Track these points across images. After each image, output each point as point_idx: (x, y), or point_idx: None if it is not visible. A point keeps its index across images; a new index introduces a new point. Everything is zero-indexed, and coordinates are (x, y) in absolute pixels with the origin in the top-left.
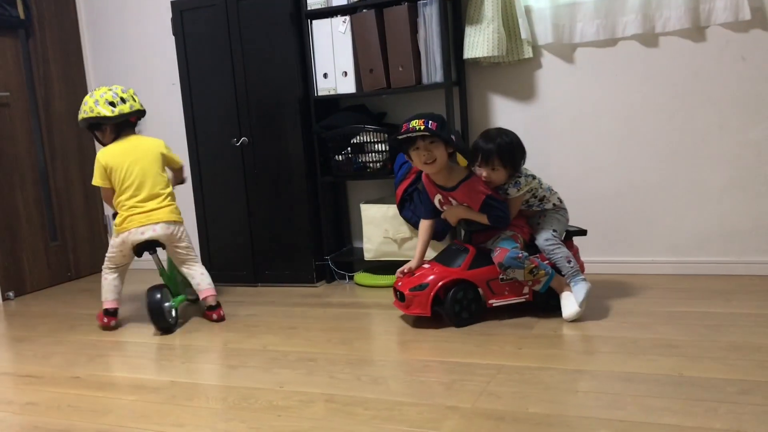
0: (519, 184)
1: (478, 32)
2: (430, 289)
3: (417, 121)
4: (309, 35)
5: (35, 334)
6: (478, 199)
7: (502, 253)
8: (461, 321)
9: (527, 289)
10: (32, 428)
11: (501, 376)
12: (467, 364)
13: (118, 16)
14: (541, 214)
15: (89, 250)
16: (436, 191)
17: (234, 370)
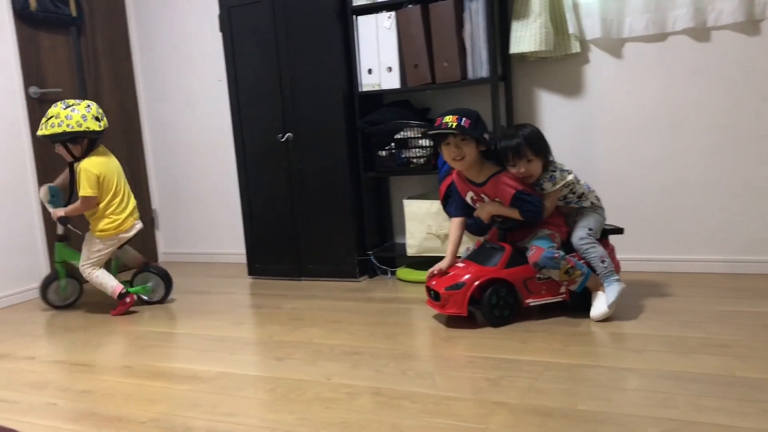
0: (554, 178)
1: (524, 27)
2: (467, 288)
3: (450, 117)
4: (354, 31)
5: (86, 323)
6: (508, 194)
7: (538, 253)
8: (497, 320)
9: (564, 289)
10: (89, 415)
11: (548, 372)
12: (513, 360)
13: (166, 14)
14: (578, 212)
15: (137, 242)
16: (468, 188)
17: (281, 362)
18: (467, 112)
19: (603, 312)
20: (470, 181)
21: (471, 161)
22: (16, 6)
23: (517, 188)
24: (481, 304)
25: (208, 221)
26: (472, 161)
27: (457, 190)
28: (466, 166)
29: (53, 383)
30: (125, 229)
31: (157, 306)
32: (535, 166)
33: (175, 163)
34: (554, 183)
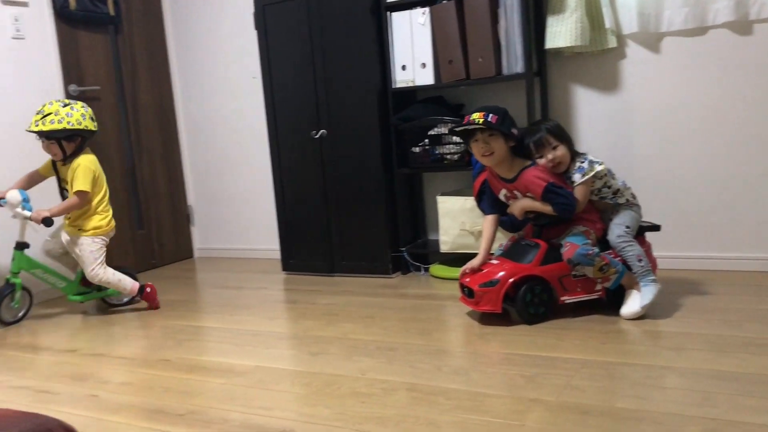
0: (583, 169)
1: (560, 22)
2: (501, 285)
3: (477, 114)
4: (388, 27)
5: (124, 318)
6: (539, 187)
7: (572, 249)
8: (532, 318)
9: (600, 287)
10: (129, 406)
11: (585, 370)
12: (549, 357)
13: (202, 12)
14: (613, 209)
15: (173, 238)
16: (501, 185)
17: (316, 356)
18: (495, 108)
19: (634, 311)
20: (502, 178)
21: (500, 157)
22: (56, 5)
23: (548, 181)
24: (516, 302)
25: (242, 217)
26: (502, 157)
27: (490, 187)
28: (495, 162)
29: (94, 375)
30: (113, 227)
31: (191, 300)
32: (561, 151)
33: (210, 160)
34: (584, 174)
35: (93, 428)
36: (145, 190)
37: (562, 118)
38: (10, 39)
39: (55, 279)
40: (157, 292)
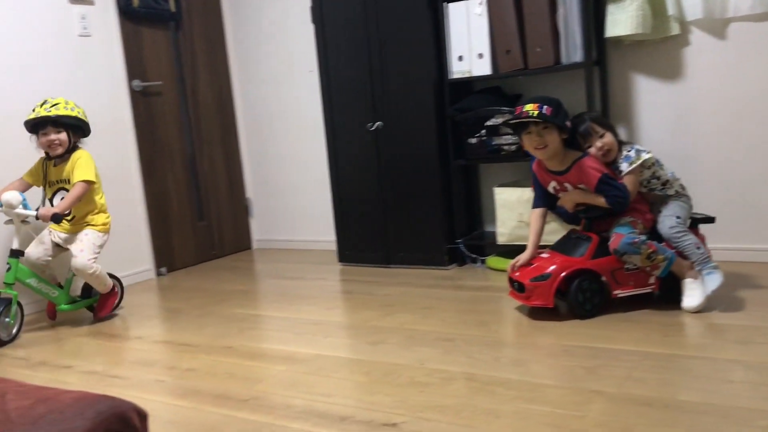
0: (630, 157)
1: (621, 9)
2: (553, 279)
3: (531, 105)
4: (445, 19)
5: (188, 306)
6: (593, 178)
7: (617, 239)
8: (585, 312)
9: (653, 280)
10: (194, 392)
11: (647, 362)
12: (610, 349)
13: (259, 6)
14: (663, 200)
15: (232, 229)
16: (551, 178)
17: (374, 346)
18: (548, 99)
19: (698, 303)
20: (551, 171)
21: (553, 150)
22: (120, 3)
23: (602, 172)
24: (568, 296)
25: (299, 209)
26: (555, 150)
27: (538, 180)
28: (549, 155)
29: (160, 361)
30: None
31: (251, 290)
32: (609, 138)
33: (268, 153)
34: (631, 162)
35: (162, 412)
36: (205, 182)
37: (623, 109)
38: (77, 37)
39: (49, 288)
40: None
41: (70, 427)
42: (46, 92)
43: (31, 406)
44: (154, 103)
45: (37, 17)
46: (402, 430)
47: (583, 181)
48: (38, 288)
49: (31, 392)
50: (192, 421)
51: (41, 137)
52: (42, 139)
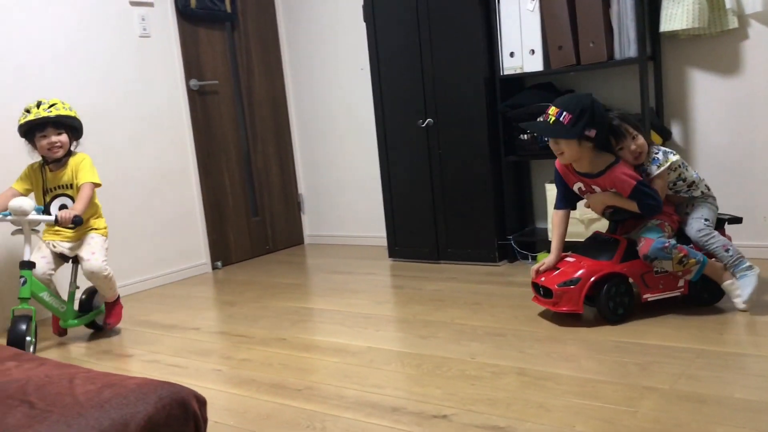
0: (657, 160)
1: (676, 3)
2: (582, 284)
3: (553, 110)
4: (496, 15)
5: (242, 299)
6: (628, 185)
7: (647, 244)
8: (615, 317)
9: (682, 282)
10: (250, 381)
11: (701, 360)
12: (663, 346)
13: (312, 6)
14: (689, 202)
15: (285, 225)
16: (577, 179)
17: (425, 339)
18: (573, 103)
19: (748, 297)
20: (579, 172)
21: (571, 157)
22: (178, 4)
23: (637, 179)
24: (598, 301)
25: (350, 205)
26: (574, 157)
27: (562, 179)
28: (567, 161)
29: (217, 352)
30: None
31: (303, 284)
32: (640, 140)
33: (320, 149)
34: (659, 165)
35: (219, 399)
36: (259, 179)
37: (678, 104)
38: (138, 37)
39: (59, 303)
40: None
41: (134, 410)
42: (108, 91)
43: (98, 390)
44: (210, 101)
45: (99, 19)
46: (452, 421)
47: (616, 187)
48: (49, 302)
49: (98, 378)
50: (248, 408)
51: (40, 140)
52: (42, 141)
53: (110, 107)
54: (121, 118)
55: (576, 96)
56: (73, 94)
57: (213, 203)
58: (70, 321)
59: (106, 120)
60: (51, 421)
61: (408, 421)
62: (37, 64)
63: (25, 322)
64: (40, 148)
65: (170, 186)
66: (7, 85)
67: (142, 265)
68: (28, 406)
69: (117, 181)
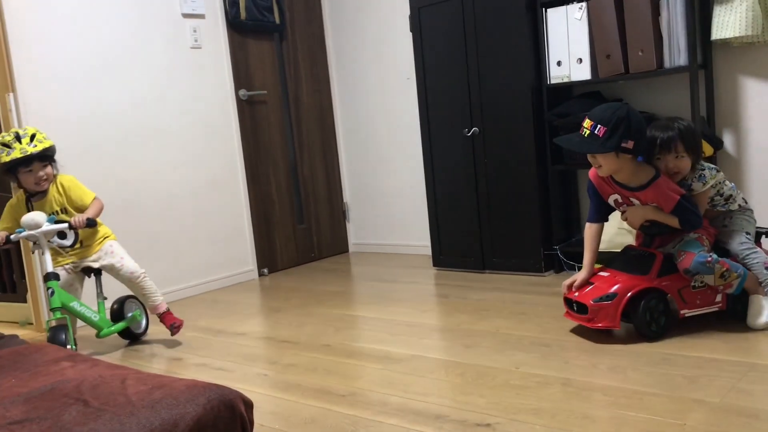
0: (704, 177)
1: (729, 11)
2: (620, 299)
3: (588, 122)
4: (543, 24)
5: (288, 305)
6: (672, 200)
7: (689, 258)
8: (653, 334)
9: (720, 297)
10: (295, 385)
11: (753, 373)
12: (713, 359)
13: (359, 18)
14: (726, 215)
15: (330, 233)
16: (615, 190)
17: (469, 348)
18: (608, 115)
19: (763, 323)
20: (618, 183)
21: (610, 170)
22: (229, 16)
23: (681, 193)
24: (636, 317)
25: (394, 214)
26: (613, 170)
27: (597, 191)
28: (606, 173)
29: (263, 357)
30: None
31: (348, 291)
32: (684, 163)
33: (365, 158)
34: (704, 183)
35: (266, 403)
36: (305, 187)
37: (730, 114)
38: (189, 48)
39: (91, 312)
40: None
41: (184, 411)
42: (160, 101)
43: (149, 391)
44: (259, 111)
45: (152, 30)
46: (496, 430)
47: (659, 202)
48: (80, 312)
49: (149, 379)
50: (293, 413)
51: (25, 175)
52: (29, 177)
53: (162, 117)
54: (172, 127)
55: (610, 106)
56: (126, 105)
57: (260, 211)
58: (105, 330)
59: (158, 129)
60: (104, 419)
61: (451, 428)
62: (91, 76)
63: (63, 331)
64: (26, 183)
65: (219, 194)
66: (62, 96)
67: (191, 271)
68: (82, 404)
69: (167, 188)
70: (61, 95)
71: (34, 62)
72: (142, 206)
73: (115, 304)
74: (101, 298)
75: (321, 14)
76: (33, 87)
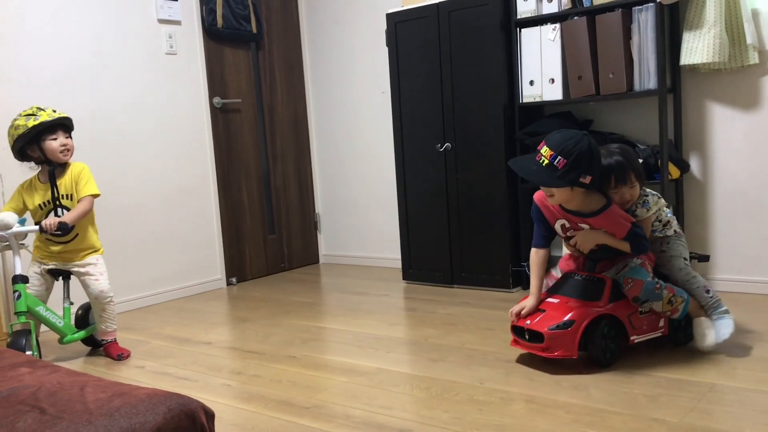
0: (647, 203)
1: (697, 37)
2: (577, 326)
3: (547, 150)
4: (517, 43)
5: (255, 316)
6: (624, 228)
7: (638, 286)
8: (607, 361)
9: (663, 322)
10: (259, 397)
11: (712, 394)
12: (675, 379)
13: (336, 30)
14: (663, 240)
15: (301, 244)
16: (563, 216)
17: (435, 363)
18: (570, 147)
19: (714, 343)
20: (567, 210)
21: (561, 200)
22: (205, 24)
23: (632, 221)
24: (593, 344)
25: (366, 226)
26: (564, 200)
27: (543, 215)
28: (557, 203)
29: (227, 367)
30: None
31: (317, 303)
32: (636, 191)
33: (338, 170)
34: (648, 209)
35: (227, 414)
36: (277, 197)
37: (697, 138)
38: (164, 54)
39: (56, 318)
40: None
41: (143, 420)
42: (133, 106)
43: (108, 399)
44: (233, 119)
45: (127, 35)
46: None
47: (611, 228)
48: (45, 317)
49: (109, 387)
50: (255, 424)
51: (50, 142)
52: (53, 144)
53: (134, 122)
54: (144, 133)
55: (572, 137)
56: (98, 110)
57: (231, 220)
58: (70, 337)
59: (131, 134)
60: (60, 427)
61: None
62: (64, 79)
63: (24, 336)
64: (52, 151)
65: (189, 201)
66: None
67: (158, 278)
68: (39, 411)
69: (138, 195)
70: (33, 100)
71: (5, 66)
72: (110, 212)
73: (79, 310)
74: (68, 303)
75: (298, 25)
76: (4, 91)
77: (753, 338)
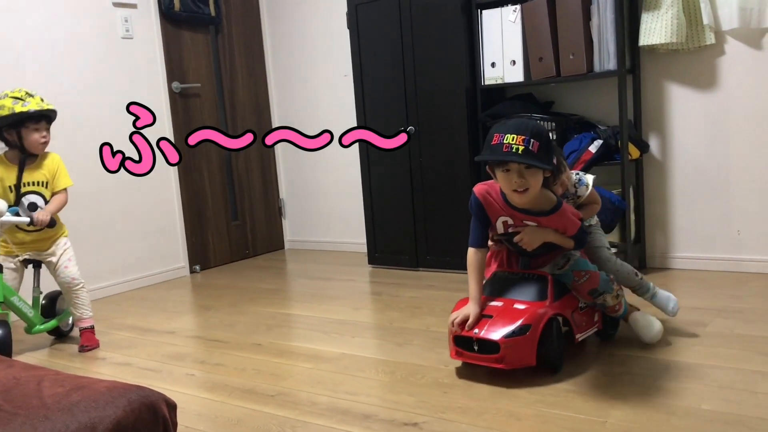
0: (582, 180)
1: (655, 18)
2: (534, 331)
3: (515, 137)
4: (478, 25)
5: (219, 303)
6: (575, 225)
7: (595, 277)
8: (560, 363)
9: (597, 317)
10: (222, 386)
11: (672, 371)
12: (635, 356)
13: (297, 13)
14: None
15: (265, 229)
16: (509, 213)
17: (400, 347)
18: (536, 130)
19: (659, 330)
20: (513, 206)
21: (534, 193)
22: (162, 6)
23: (580, 217)
24: (549, 348)
25: (331, 211)
26: (536, 193)
27: (485, 212)
28: (529, 199)
29: (191, 356)
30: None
31: (282, 289)
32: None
33: (302, 155)
34: (586, 185)
35: (190, 404)
36: (240, 183)
37: (656, 118)
38: (120, 39)
39: (28, 308)
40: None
41: (103, 414)
42: (89, 92)
43: (66, 393)
44: (192, 104)
45: (82, 19)
46: (423, 429)
47: (562, 227)
48: (18, 307)
49: (67, 380)
50: (219, 414)
51: (31, 132)
52: (35, 135)
53: (92, 108)
54: (102, 118)
55: (527, 121)
56: (54, 94)
57: (192, 207)
58: (37, 328)
59: (87, 120)
60: (16, 423)
61: (379, 428)
62: (18, 64)
63: (3, 327)
64: (31, 141)
65: (149, 188)
66: None
67: (119, 267)
68: None
69: (95, 182)
70: None
71: None
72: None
73: (44, 300)
74: (37, 292)
75: (258, 8)
76: None
77: (710, 314)
